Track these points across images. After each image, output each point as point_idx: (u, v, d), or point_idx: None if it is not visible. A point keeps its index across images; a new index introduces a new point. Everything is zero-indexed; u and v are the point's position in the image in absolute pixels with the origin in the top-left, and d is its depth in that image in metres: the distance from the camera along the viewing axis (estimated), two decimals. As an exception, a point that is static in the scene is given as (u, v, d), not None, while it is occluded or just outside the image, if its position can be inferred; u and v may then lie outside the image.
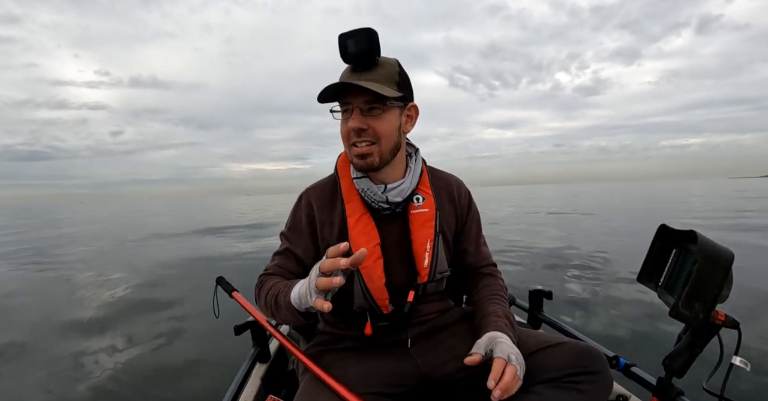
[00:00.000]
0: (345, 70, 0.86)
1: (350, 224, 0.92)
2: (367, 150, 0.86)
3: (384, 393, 0.86)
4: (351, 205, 0.94)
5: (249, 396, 1.12)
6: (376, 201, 0.91)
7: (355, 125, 0.84)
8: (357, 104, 0.84)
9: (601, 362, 0.80)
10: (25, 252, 8.53)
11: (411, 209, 0.95)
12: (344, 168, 0.98)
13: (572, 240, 7.20)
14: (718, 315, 0.75)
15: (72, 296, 4.36)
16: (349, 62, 0.84)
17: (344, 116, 0.88)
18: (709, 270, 0.72)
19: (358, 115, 0.85)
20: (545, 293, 1.47)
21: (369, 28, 0.80)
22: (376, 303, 0.91)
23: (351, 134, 0.86)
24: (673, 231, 0.89)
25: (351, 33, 0.81)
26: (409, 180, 0.94)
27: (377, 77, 0.84)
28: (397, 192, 0.92)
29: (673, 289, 0.85)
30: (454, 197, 1.03)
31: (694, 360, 0.80)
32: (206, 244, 8.92)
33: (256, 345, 1.32)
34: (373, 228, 0.92)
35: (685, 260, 0.83)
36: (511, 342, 0.81)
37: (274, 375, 1.31)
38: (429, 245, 0.93)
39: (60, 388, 2.20)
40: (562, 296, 3.59)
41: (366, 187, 0.92)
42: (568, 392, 0.77)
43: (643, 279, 0.94)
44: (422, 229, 0.94)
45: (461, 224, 1.03)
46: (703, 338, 0.78)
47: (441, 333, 0.98)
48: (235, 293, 1.38)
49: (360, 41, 0.80)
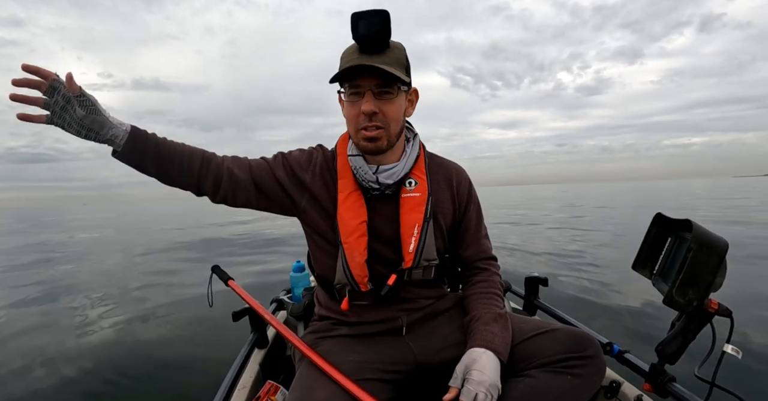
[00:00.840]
0: (351, 51, 0.84)
1: (340, 199, 0.93)
2: (376, 134, 0.86)
3: (380, 379, 0.86)
4: (343, 181, 0.94)
5: (247, 381, 1.13)
6: (366, 180, 0.91)
7: (369, 108, 0.83)
8: (369, 86, 0.83)
9: (594, 347, 0.81)
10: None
11: (403, 192, 0.94)
12: (342, 145, 0.98)
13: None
14: (712, 303, 0.76)
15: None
16: (361, 43, 0.83)
17: (352, 99, 0.86)
18: (703, 258, 0.72)
19: (371, 98, 0.83)
20: (541, 280, 1.48)
21: (384, 10, 0.78)
22: (354, 279, 0.91)
23: (361, 117, 0.85)
24: (669, 220, 0.89)
25: (365, 13, 0.79)
26: (402, 163, 0.93)
27: (388, 60, 0.83)
28: (389, 174, 0.91)
29: (667, 277, 0.85)
30: (452, 184, 1.01)
31: (686, 347, 0.81)
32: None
33: (254, 331, 1.33)
34: (361, 206, 0.92)
35: (680, 248, 0.83)
36: (493, 362, 0.79)
37: (272, 360, 1.32)
38: (416, 231, 0.92)
39: (58, 370, 2.23)
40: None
41: (358, 165, 0.92)
42: (561, 376, 0.78)
43: (638, 267, 0.94)
44: (411, 213, 0.93)
45: (460, 212, 1.02)
46: (696, 325, 0.79)
47: (436, 319, 0.99)
48: (231, 282, 1.38)
49: (375, 23, 0.79)
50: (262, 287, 3.82)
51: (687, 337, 0.80)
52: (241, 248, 7.21)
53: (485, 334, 0.85)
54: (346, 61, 0.84)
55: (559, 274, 4.10)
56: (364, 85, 0.83)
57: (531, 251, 5.61)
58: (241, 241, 8.38)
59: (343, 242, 0.90)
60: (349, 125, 0.90)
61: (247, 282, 4.04)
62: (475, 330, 0.87)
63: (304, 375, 0.84)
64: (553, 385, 0.77)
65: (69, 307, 3.63)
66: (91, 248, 8.28)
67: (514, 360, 0.84)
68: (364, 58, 0.81)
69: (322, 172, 0.97)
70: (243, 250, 6.92)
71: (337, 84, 0.86)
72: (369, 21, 0.79)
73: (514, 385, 0.79)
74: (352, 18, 0.80)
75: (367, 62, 0.80)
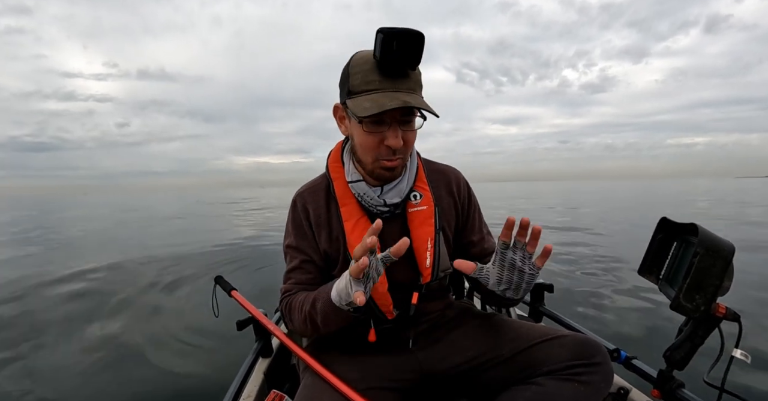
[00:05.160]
0: (369, 69, 0.75)
1: (347, 228, 0.88)
2: (397, 164, 0.82)
3: (385, 387, 0.86)
4: (347, 208, 0.90)
5: (252, 391, 1.12)
6: (373, 206, 0.88)
7: (399, 144, 0.78)
8: (394, 117, 0.77)
9: (601, 354, 0.80)
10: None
11: (409, 207, 0.91)
12: (336, 169, 0.93)
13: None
14: (719, 307, 0.75)
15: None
16: (388, 64, 0.74)
17: (372, 128, 0.78)
18: (709, 262, 0.71)
19: (398, 132, 0.78)
20: (546, 286, 1.47)
21: (421, 33, 0.70)
22: (380, 309, 0.88)
23: (384, 149, 0.80)
24: (674, 224, 0.88)
25: (402, 33, 0.69)
26: (406, 178, 0.90)
27: (412, 85, 0.77)
28: (395, 192, 0.88)
29: (674, 282, 0.85)
30: (452, 189, 0.99)
31: (694, 352, 0.80)
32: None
33: (258, 340, 1.33)
34: None
35: (686, 252, 0.83)
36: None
37: (276, 369, 1.31)
38: (430, 244, 0.89)
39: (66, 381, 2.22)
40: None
41: (362, 192, 0.87)
42: (569, 383, 0.77)
43: (644, 272, 0.94)
44: (422, 227, 0.90)
45: (463, 216, 1.00)
46: (704, 330, 0.78)
47: (441, 328, 0.98)
48: (234, 292, 1.38)
49: (409, 46, 0.71)
50: (266, 294, 3.81)
51: (695, 342, 0.79)
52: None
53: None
54: (365, 81, 0.76)
55: (561, 275, 4.08)
56: (388, 116, 0.76)
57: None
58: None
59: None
60: (364, 154, 0.84)
61: (249, 290, 4.03)
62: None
63: (308, 385, 0.83)
64: (560, 393, 0.76)
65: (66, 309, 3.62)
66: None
67: (520, 367, 0.83)
68: (388, 82, 0.75)
69: (317, 207, 0.93)
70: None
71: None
72: (405, 43, 0.70)
73: (521, 393, 0.79)
74: (385, 36, 0.69)
75: (392, 88, 0.74)
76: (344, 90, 0.81)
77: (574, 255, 5.28)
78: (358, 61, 0.78)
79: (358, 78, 0.77)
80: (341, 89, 0.83)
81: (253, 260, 5.65)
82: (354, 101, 0.77)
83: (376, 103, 0.73)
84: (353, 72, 0.78)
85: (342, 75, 0.82)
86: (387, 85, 0.75)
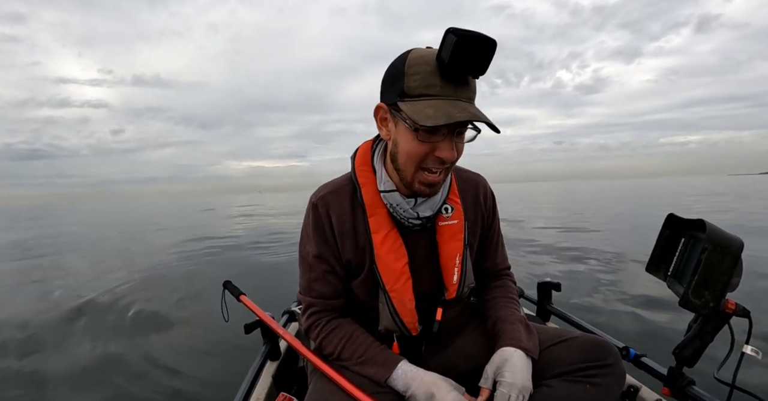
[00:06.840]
0: (431, 71, 0.67)
1: (376, 241, 0.83)
2: (439, 180, 0.77)
3: (395, 392, 0.84)
4: (376, 218, 0.84)
5: (260, 393, 1.12)
6: (406, 218, 0.83)
7: (453, 156, 0.72)
8: (451, 127, 0.70)
9: (613, 355, 0.80)
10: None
11: (439, 220, 0.87)
12: (365, 174, 0.86)
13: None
14: (728, 303, 0.75)
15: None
16: (455, 69, 0.66)
17: (424, 137, 0.71)
18: (718, 258, 0.71)
19: (452, 143, 0.71)
20: (554, 285, 1.46)
21: (495, 40, 0.63)
22: (405, 326, 0.85)
23: (432, 160, 0.73)
24: (682, 220, 0.87)
25: (475, 37, 0.62)
26: (440, 191, 0.85)
27: (471, 94, 0.70)
28: (428, 205, 0.84)
29: (682, 278, 0.84)
30: (479, 200, 0.95)
31: (704, 349, 0.79)
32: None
33: (266, 343, 1.33)
34: (401, 245, 0.84)
35: (694, 248, 0.82)
36: (523, 362, 0.78)
37: (284, 372, 1.32)
38: (458, 260, 0.86)
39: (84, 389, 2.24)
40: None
41: (396, 203, 0.82)
42: (580, 385, 0.76)
43: (652, 269, 0.93)
44: (451, 242, 0.86)
45: (486, 229, 0.97)
46: (714, 327, 0.78)
47: (451, 334, 0.98)
48: (243, 297, 1.38)
49: (481, 52, 0.64)
50: (272, 297, 3.82)
51: (704, 339, 0.79)
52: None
53: (514, 333, 0.83)
54: (425, 85, 0.68)
55: (568, 273, 4.05)
56: (446, 126, 0.69)
57: (533, 252, 5.56)
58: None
59: (390, 291, 0.83)
60: (408, 162, 0.75)
61: (258, 294, 4.03)
62: (503, 330, 0.85)
63: (317, 388, 0.83)
64: (572, 395, 0.76)
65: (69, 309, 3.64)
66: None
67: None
68: (450, 89, 0.68)
69: (341, 214, 0.86)
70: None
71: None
72: (478, 49, 0.64)
73: (532, 395, 0.78)
74: (459, 39, 0.62)
75: (454, 96, 0.68)
76: (394, 90, 0.72)
77: (580, 253, 5.25)
78: (417, 61, 0.69)
79: (417, 80, 0.68)
80: (389, 88, 0.74)
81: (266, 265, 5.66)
82: (411, 105, 0.69)
83: (442, 112, 0.66)
84: (411, 72, 0.69)
85: (392, 73, 0.73)
86: (449, 91, 0.68)
